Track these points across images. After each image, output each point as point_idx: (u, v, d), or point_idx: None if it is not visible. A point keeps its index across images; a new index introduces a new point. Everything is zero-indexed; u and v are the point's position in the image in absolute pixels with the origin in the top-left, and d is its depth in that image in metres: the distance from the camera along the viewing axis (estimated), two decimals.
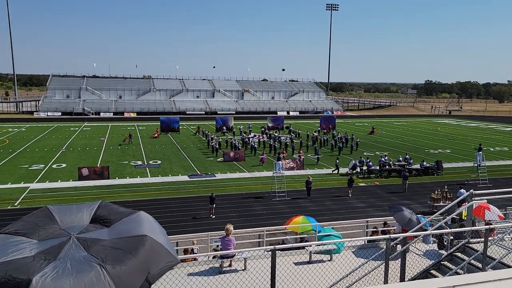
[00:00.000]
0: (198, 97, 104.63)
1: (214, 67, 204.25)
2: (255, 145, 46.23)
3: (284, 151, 43.57)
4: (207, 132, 54.13)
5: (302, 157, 39.68)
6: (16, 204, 26.24)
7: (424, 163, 36.53)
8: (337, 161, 37.20)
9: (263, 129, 60.90)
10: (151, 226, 2.39)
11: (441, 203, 24.44)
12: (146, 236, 2.30)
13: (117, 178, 33.12)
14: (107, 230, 2.32)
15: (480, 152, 35.51)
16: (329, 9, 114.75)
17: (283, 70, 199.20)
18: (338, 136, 51.59)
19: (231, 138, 50.35)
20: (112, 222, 2.38)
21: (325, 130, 62.26)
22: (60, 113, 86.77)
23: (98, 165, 36.43)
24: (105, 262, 2.05)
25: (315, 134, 53.93)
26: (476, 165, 34.08)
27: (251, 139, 49.45)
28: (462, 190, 23.38)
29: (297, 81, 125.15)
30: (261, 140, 50.54)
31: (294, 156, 41.22)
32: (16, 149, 45.30)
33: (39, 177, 32.97)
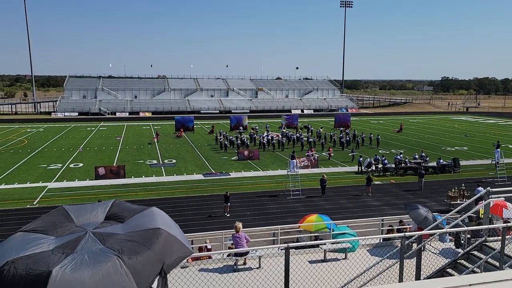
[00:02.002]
0: (212, 96, 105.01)
1: (227, 66, 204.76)
2: (264, 141, 47.41)
3: (313, 148, 43.70)
4: (224, 132, 53.25)
5: (332, 154, 41.36)
6: (34, 203, 26.73)
7: (441, 160, 36.03)
8: (368, 159, 36.68)
9: (283, 130, 60.16)
10: (164, 220, 2.45)
11: (458, 201, 24.10)
12: (160, 229, 2.36)
13: (133, 177, 33.47)
14: (121, 225, 2.38)
15: (498, 149, 34.89)
16: (343, 6, 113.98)
17: (297, 68, 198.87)
18: (362, 136, 50.92)
19: (241, 134, 52.02)
20: (126, 218, 2.44)
21: (347, 130, 60.65)
22: (77, 113, 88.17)
23: (114, 164, 36.86)
24: (122, 253, 2.11)
25: (320, 130, 55.19)
26: (494, 162, 33.50)
27: (264, 136, 50.03)
28: (479, 188, 22.99)
29: (311, 79, 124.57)
30: (276, 138, 50.41)
31: (323, 153, 41.57)
32: (35, 149, 46.12)
33: (57, 176, 33.52)
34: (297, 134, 51.73)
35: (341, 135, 50.37)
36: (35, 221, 2.50)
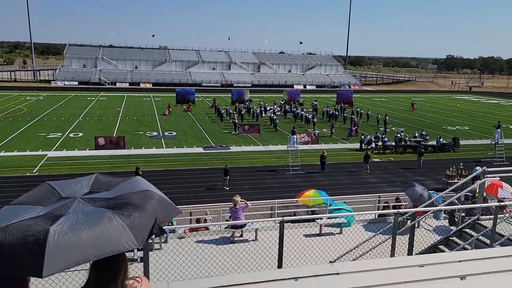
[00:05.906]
0: (214, 69, 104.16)
1: (229, 38, 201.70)
2: (258, 112, 49.51)
3: (333, 126, 42.96)
4: (230, 111, 51.11)
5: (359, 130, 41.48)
6: (34, 171, 26.89)
7: (441, 139, 36.05)
8: (369, 136, 36.61)
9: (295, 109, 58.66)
10: (150, 186, 2.53)
11: (456, 180, 24.21)
12: (148, 190, 2.46)
13: (132, 148, 33.56)
14: (109, 192, 2.43)
15: (499, 130, 34.89)
16: None
17: (301, 43, 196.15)
18: (377, 116, 49.57)
19: (239, 105, 54.35)
20: (111, 187, 2.51)
21: (355, 109, 57.85)
22: (76, 82, 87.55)
23: (114, 135, 36.88)
24: (115, 210, 2.19)
25: (315, 103, 56.30)
26: (493, 142, 33.53)
27: (266, 111, 51.59)
28: (477, 168, 23.06)
29: (314, 54, 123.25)
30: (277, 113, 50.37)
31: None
32: (34, 117, 46.09)
33: (56, 145, 33.62)
34: (296, 110, 52.88)
35: (353, 117, 48.13)
36: (20, 196, 2.54)
